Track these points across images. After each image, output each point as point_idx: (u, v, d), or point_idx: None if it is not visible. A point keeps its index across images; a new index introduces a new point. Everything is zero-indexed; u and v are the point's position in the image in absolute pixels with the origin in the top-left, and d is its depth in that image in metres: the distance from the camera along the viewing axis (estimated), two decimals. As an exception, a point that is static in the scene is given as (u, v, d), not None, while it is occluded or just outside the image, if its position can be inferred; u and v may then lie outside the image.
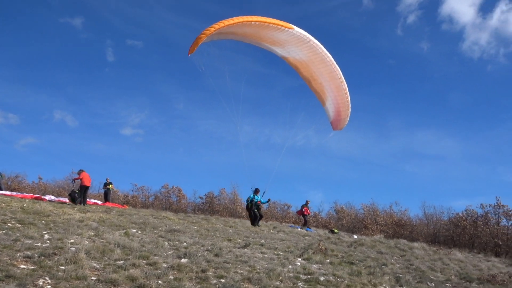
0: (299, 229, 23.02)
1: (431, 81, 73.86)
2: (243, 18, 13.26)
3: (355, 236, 22.12)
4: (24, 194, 22.70)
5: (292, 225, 26.61)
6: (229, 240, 13.36)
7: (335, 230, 24.65)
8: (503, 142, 65.77)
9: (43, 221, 12.20)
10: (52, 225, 11.70)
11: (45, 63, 73.72)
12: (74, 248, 8.59)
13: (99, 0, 74.40)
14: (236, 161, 65.65)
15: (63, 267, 7.25)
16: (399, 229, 30.49)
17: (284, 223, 28.90)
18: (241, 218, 28.55)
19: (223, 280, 7.99)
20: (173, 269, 8.19)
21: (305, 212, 25.91)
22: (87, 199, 21.64)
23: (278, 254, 11.81)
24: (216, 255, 10.09)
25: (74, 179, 21.91)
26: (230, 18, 13.13)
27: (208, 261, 9.30)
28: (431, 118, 72.45)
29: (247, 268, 9.32)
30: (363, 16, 74.89)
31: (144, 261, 8.60)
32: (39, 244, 8.92)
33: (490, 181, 58.15)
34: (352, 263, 11.92)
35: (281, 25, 13.89)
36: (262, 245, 12.98)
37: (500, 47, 64.10)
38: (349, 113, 16.81)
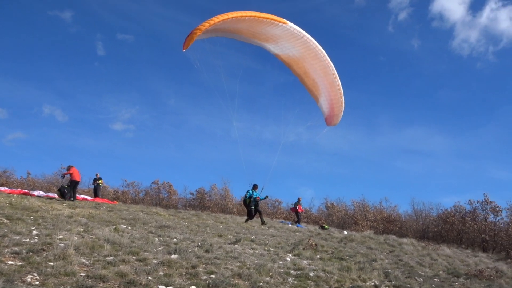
0: (290, 225, 23.09)
1: (421, 78, 74.47)
2: (237, 13, 13.17)
3: (345, 232, 22.24)
4: (12, 190, 22.44)
5: (283, 221, 26.70)
6: (220, 236, 13.36)
7: (326, 226, 24.79)
8: (491, 139, 66.62)
9: (32, 217, 12.09)
10: (41, 221, 11.60)
11: (34, 57, 72.84)
12: (63, 244, 8.52)
13: (89, -6, 73.58)
14: (228, 157, 65.56)
15: (52, 263, 7.20)
16: (389, 225, 30.73)
17: (275, 219, 28.98)
18: (232, 214, 28.58)
19: (213, 276, 7.99)
20: (163, 265, 8.17)
21: (299, 210, 26.04)
22: (77, 195, 21.50)
23: (269, 250, 11.84)
24: (207, 251, 10.09)
25: (64, 174, 21.74)
26: (225, 14, 13.02)
27: (199, 257, 9.29)
28: (421, 115, 73.09)
29: (238, 264, 9.33)
30: (355, 13, 75.15)
31: (134, 257, 8.57)
32: (27, 240, 8.83)
33: (478, 178, 58.90)
34: (342, 259, 12.00)
35: (275, 20, 13.82)
36: (253, 241, 13.01)
37: (489, 45, 64.78)
38: (343, 109, 16.84)
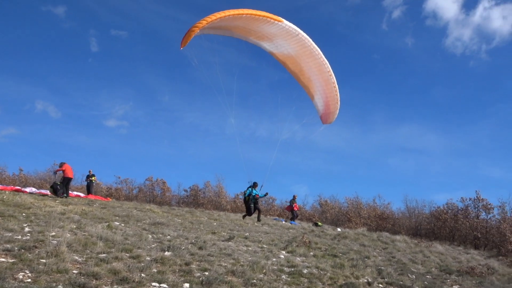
0: (283, 222, 23.13)
1: (415, 76, 74.57)
2: (234, 11, 13.21)
3: (339, 229, 22.31)
4: (4, 186, 22.27)
5: (277, 218, 26.71)
6: (214, 233, 13.36)
7: (319, 223, 24.84)
8: (484, 137, 67.00)
9: (24, 214, 12.00)
10: (33, 218, 11.53)
11: (27, 52, 71.93)
12: (56, 241, 8.47)
13: (83, -11, 72.95)
14: (222, 154, 65.42)
15: (44, 260, 7.15)
16: (382, 222, 30.84)
17: (269, 216, 29.01)
18: (226, 211, 28.56)
19: (207, 273, 7.99)
20: (157, 262, 8.15)
21: (295, 208, 26.10)
22: (70, 191, 21.38)
23: (262, 247, 11.86)
24: (200, 248, 10.08)
25: (56, 171, 21.59)
26: (221, 11, 13.07)
27: (192, 254, 9.28)
28: (414, 113, 73.20)
29: (231, 261, 9.33)
30: (349, 11, 75.05)
31: (127, 254, 8.54)
32: (19, 237, 8.77)
33: (471, 175, 59.20)
34: (335, 256, 12.04)
35: (271, 18, 13.91)
36: (246, 238, 13.03)
37: (482, 44, 65.01)
38: (338, 107, 16.85)
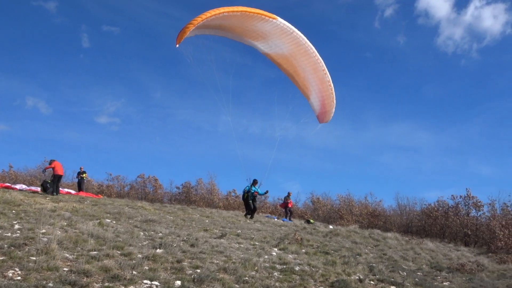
0: (276, 220, 23.18)
1: (407, 75, 75.00)
2: (228, 8, 13.24)
3: (331, 227, 22.41)
4: (-6, 183, 22.04)
5: (269, 215, 26.77)
6: (206, 231, 13.34)
7: (311, 221, 24.94)
8: (474, 135, 67.63)
9: (14, 211, 11.90)
10: (23, 215, 11.43)
11: (17, 48, 71.10)
12: (46, 239, 8.40)
13: (74, -16, 72.19)
14: (214, 151, 65.33)
15: (34, 258, 7.09)
16: (374, 220, 31.02)
17: (261, 213, 29.03)
18: (218, 209, 28.55)
19: (199, 271, 7.97)
20: (148, 260, 8.12)
21: (289, 205, 26.19)
22: (60, 189, 21.21)
23: (254, 244, 11.86)
24: (192, 246, 10.05)
25: (45, 168, 21.41)
26: (216, 9, 13.07)
27: (184, 252, 9.26)
28: (406, 111, 73.66)
29: (223, 258, 9.32)
30: (342, 8, 75.21)
31: (119, 252, 8.49)
32: (9, 234, 8.69)
33: (461, 173, 59.75)
34: (327, 253, 12.09)
35: (265, 15, 13.96)
36: (239, 235, 13.02)
37: (473, 43, 65.51)
38: (334, 105, 16.88)
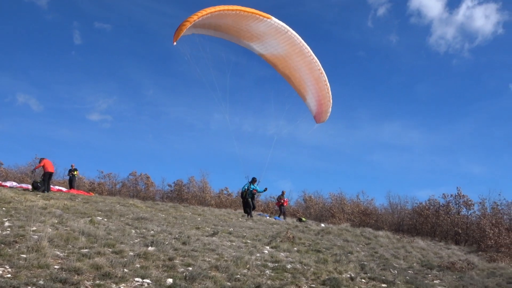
0: (267, 218, 23.22)
1: (399, 74, 75.52)
2: (224, 7, 13.31)
3: (323, 225, 22.47)
4: (-16, 180, 21.83)
5: (261, 213, 26.78)
6: (197, 228, 13.32)
7: (303, 219, 24.98)
8: (465, 135, 68.30)
9: (4, 208, 11.79)
10: (13, 212, 11.34)
11: (8, 44, 70.34)
12: (37, 236, 8.34)
13: (66, -20, 71.58)
14: (206, 149, 65.27)
15: (25, 256, 7.04)
16: (365, 218, 31.17)
17: (253, 212, 28.99)
18: (210, 207, 28.50)
19: (190, 268, 7.96)
20: (140, 257, 8.09)
21: (285, 203, 26.23)
22: (51, 186, 21.05)
23: (246, 242, 11.87)
24: (184, 243, 10.03)
25: (35, 168, 21.22)
26: (212, 7, 13.14)
27: (176, 249, 9.24)
28: (398, 110, 74.21)
29: (215, 256, 9.32)
30: (335, 7, 75.49)
31: (110, 249, 8.46)
32: (-1, 232, 8.61)
33: (452, 172, 60.36)
34: (319, 251, 12.13)
35: (259, 15, 14.03)
36: (231, 233, 13.02)
37: (465, 42, 66.10)
38: (331, 105, 16.93)
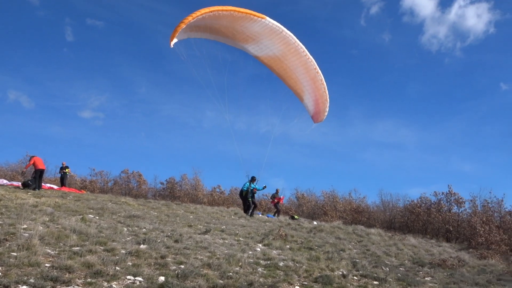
0: (260, 215, 23.26)
1: (392, 72, 75.90)
2: (218, 7, 13.37)
3: (315, 222, 22.54)
4: (-26, 178, 21.61)
5: (257, 212, 26.80)
6: (190, 226, 13.30)
7: (296, 216, 25.04)
8: (457, 133, 68.85)
9: (-6, 206, 11.68)
10: (4, 210, 11.24)
11: (-1, 41, 69.72)
12: (27, 234, 8.27)
13: (57, -24, 70.91)
14: (199, 147, 65.15)
15: (15, 254, 6.98)
16: (357, 216, 31.31)
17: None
18: (203, 204, 28.47)
19: (183, 266, 7.94)
20: (132, 255, 8.06)
21: (281, 201, 26.28)
22: (42, 184, 20.89)
23: (239, 240, 11.87)
24: (176, 241, 10.01)
25: (26, 167, 21.03)
26: (206, 8, 13.21)
27: (168, 247, 9.21)
28: (390, 108, 74.55)
29: (207, 254, 9.31)
30: (328, 6, 75.59)
31: (102, 247, 8.41)
32: (-11, 230, 8.53)
33: (444, 170, 60.84)
34: (311, 249, 12.16)
35: (254, 15, 14.07)
36: (223, 231, 13.01)
37: (457, 41, 66.52)
38: (328, 103, 16.95)
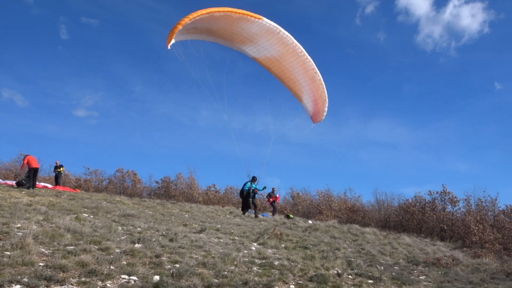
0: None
1: (387, 71, 76.11)
2: (214, 9, 13.40)
3: (310, 221, 22.58)
4: (-33, 177, 21.46)
5: (249, 210, 26.78)
6: (185, 225, 13.28)
7: (291, 216, 25.07)
8: (451, 132, 69.21)
9: (-13, 205, 11.61)
10: (-3, 209, 11.16)
11: (-8, 38, 69.21)
12: (21, 233, 8.22)
13: (52, -26, 70.52)
14: (194, 146, 65.06)
15: (9, 253, 6.93)
16: (352, 215, 31.37)
17: (240, 208, 29.01)
18: (198, 203, 28.44)
19: (178, 265, 7.92)
20: (126, 254, 8.03)
21: (277, 200, 26.29)
22: (37, 183, 20.76)
23: (234, 239, 11.86)
24: (171, 240, 9.99)
25: (21, 168, 20.92)
26: (203, 9, 13.28)
27: (163, 246, 9.19)
28: (385, 107, 74.80)
29: (202, 253, 9.30)
30: (323, 5, 75.66)
31: (96, 246, 8.38)
32: (-18, 229, 8.47)
33: (438, 169, 61.17)
34: (306, 248, 12.17)
35: (251, 15, 14.10)
36: (218, 230, 13.00)
37: (452, 41, 66.80)
38: (327, 104, 16.95)
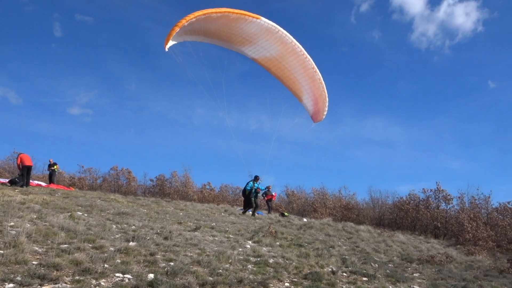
0: (250, 212, 23.22)
1: (381, 70, 76.42)
2: (212, 10, 13.45)
3: (305, 219, 22.63)
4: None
5: (249, 210, 26.79)
6: (180, 223, 13.26)
7: (286, 213, 25.13)
8: (445, 131, 69.61)
9: (-20, 203, 11.52)
10: (-10, 208, 11.08)
11: (-15, 36, 68.70)
12: (14, 231, 8.17)
13: (45, -29, 69.99)
14: (189, 144, 65.02)
15: (2, 251, 6.89)
16: (347, 213, 31.49)
17: (236, 206, 29.05)
18: (193, 201, 28.41)
19: (172, 264, 7.91)
20: (121, 253, 8.00)
21: (273, 198, 26.31)
22: (30, 181, 20.64)
23: (229, 237, 11.86)
24: (166, 238, 9.97)
25: (18, 168, 20.71)
26: (200, 10, 13.31)
27: (157, 244, 9.17)
28: (380, 106, 75.16)
29: (197, 251, 9.29)
30: (318, 3, 75.70)
31: (90, 245, 8.34)
32: (-25, 228, 8.41)
33: (432, 167, 61.51)
34: (301, 246, 12.20)
35: (248, 15, 14.09)
36: (213, 228, 13.00)
37: (446, 39, 67.16)
38: (327, 103, 16.95)
